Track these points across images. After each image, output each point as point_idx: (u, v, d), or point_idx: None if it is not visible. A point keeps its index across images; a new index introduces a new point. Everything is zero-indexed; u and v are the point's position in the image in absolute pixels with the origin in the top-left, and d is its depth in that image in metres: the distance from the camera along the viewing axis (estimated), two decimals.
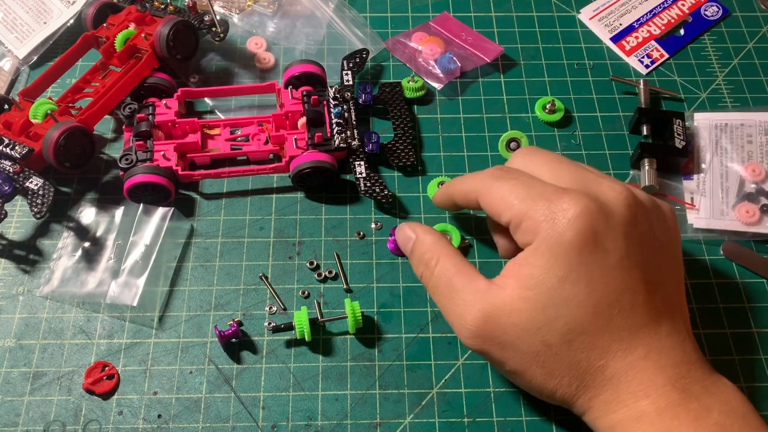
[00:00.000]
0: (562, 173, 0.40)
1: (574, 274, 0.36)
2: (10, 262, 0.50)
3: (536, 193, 0.38)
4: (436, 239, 0.42)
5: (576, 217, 0.36)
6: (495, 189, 0.40)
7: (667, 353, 0.37)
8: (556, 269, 0.36)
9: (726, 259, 0.51)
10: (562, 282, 0.36)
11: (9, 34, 0.61)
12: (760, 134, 0.55)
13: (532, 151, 0.43)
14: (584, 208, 0.36)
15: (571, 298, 0.36)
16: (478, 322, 0.38)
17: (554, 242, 0.36)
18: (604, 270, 0.36)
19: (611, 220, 0.37)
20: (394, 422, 0.44)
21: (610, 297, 0.36)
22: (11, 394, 0.45)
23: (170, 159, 0.52)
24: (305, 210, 0.53)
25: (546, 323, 0.37)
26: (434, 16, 0.64)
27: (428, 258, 0.42)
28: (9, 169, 0.49)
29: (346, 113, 0.54)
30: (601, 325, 0.36)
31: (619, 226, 0.37)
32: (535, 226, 0.37)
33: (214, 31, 0.58)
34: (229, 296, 0.49)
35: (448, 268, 0.40)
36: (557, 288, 0.36)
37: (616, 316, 0.36)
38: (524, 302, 0.37)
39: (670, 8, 0.65)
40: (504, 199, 0.39)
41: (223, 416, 0.44)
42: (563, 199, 0.37)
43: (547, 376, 0.38)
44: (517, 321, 0.37)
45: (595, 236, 0.36)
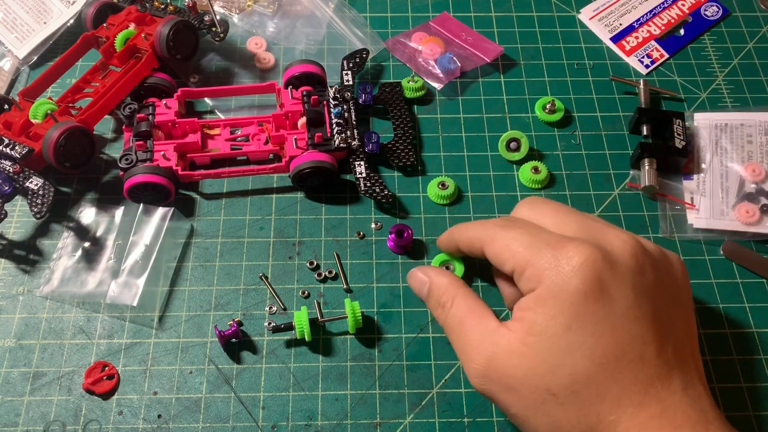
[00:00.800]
0: (567, 222, 0.39)
1: (578, 323, 0.35)
2: (10, 262, 0.50)
3: (541, 241, 0.38)
4: (450, 281, 0.42)
5: (581, 264, 0.36)
6: (500, 238, 0.40)
7: (683, 411, 0.35)
8: (559, 317, 0.35)
9: (726, 259, 0.51)
10: (565, 330, 0.35)
11: (9, 34, 0.61)
12: (760, 134, 0.55)
13: (538, 201, 0.42)
14: (589, 256, 0.36)
15: (575, 347, 0.35)
16: (483, 362, 0.38)
17: (558, 290, 0.36)
18: (611, 319, 0.35)
19: (617, 269, 0.36)
20: (394, 422, 0.44)
21: (617, 347, 0.35)
22: (11, 394, 0.45)
23: (170, 159, 0.52)
24: (305, 210, 0.53)
25: (549, 371, 0.35)
26: (434, 16, 0.64)
27: (444, 300, 0.41)
28: (9, 169, 0.49)
29: (346, 113, 0.54)
30: (608, 376, 0.35)
31: (625, 276, 0.36)
32: (539, 274, 0.36)
33: (214, 31, 0.58)
34: (229, 296, 0.49)
35: (462, 308, 0.40)
36: (561, 336, 0.35)
37: (625, 369, 0.35)
38: (527, 347, 0.36)
39: (670, 8, 0.65)
40: (508, 247, 0.39)
41: (223, 416, 0.44)
42: (568, 247, 0.36)
43: (553, 428, 0.36)
44: (520, 365, 0.36)
45: (601, 285, 0.35)
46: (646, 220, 0.53)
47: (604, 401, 0.35)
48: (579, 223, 0.39)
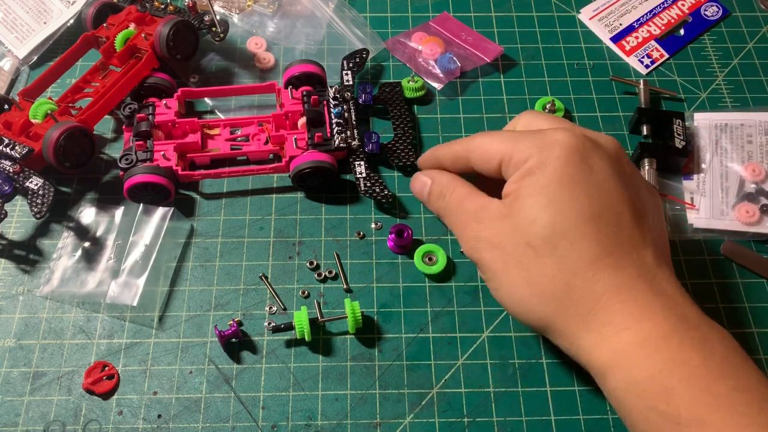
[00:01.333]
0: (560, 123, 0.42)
1: (557, 183, 0.38)
2: (10, 262, 0.50)
3: (527, 132, 0.41)
4: (451, 177, 0.45)
5: (565, 139, 0.39)
6: (486, 141, 0.42)
7: (659, 280, 0.37)
8: (540, 179, 0.38)
9: (726, 259, 0.51)
10: (544, 188, 0.38)
11: (9, 34, 0.61)
12: (760, 134, 0.55)
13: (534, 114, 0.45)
14: (572, 135, 0.39)
15: (553, 203, 0.38)
16: (474, 228, 0.41)
17: (541, 160, 0.38)
18: (587, 184, 0.38)
19: (598, 149, 0.39)
20: (394, 422, 0.44)
21: (594, 209, 0.37)
22: (11, 394, 0.45)
23: (170, 159, 0.52)
24: (305, 210, 0.53)
25: (528, 225, 0.38)
26: (434, 16, 0.64)
27: (444, 191, 0.44)
28: (9, 169, 0.49)
29: (346, 113, 0.54)
30: (586, 234, 0.37)
31: (604, 155, 0.39)
32: (524, 155, 0.39)
33: (214, 31, 0.58)
34: (229, 296, 0.49)
35: (461, 193, 0.43)
36: (539, 194, 0.38)
37: (603, 230, 0.37)
38: (511, 208, 0.39)
39: (670, 8, 0.65)
40: (492, 144, 0.41)
41: (223, 416, 0.44)
42: (553, 131, 0.40)
43: (530, 285, 0.38)
44: (505, 224, 0.39)
45: (581, 155, 0.38)
46: None
47: (581, 258, 0.37)
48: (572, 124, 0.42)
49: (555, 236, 0.37)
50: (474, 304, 0.49)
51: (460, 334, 0.47)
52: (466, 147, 0.44)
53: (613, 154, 0.40)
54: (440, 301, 0.49)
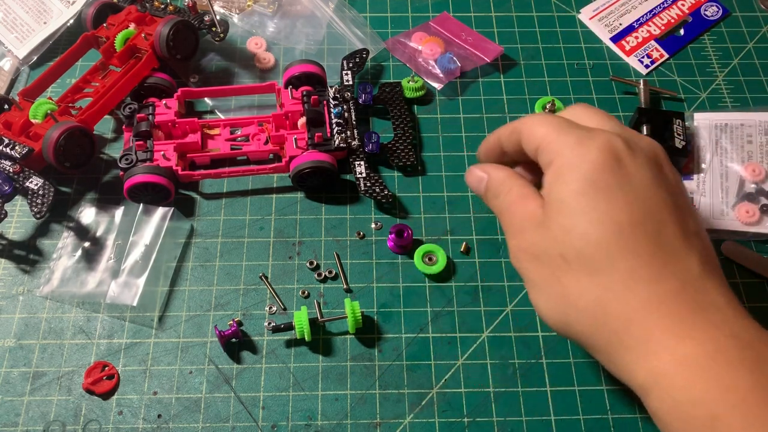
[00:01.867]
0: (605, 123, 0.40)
1: (593, 189, 0.35)
2: (10, 262, 0.50)
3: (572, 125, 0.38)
4: (508, 174, 0.42)
5: (602, 141, 0.36)
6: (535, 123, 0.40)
7: (705, 293, 0.34)
8: (574, 183, 0.36)
9: (726, 259, 0.51)
10: (579, 194, 0.35)
11: (9, 34, 0.61)
12: (760, 134, 0.55)
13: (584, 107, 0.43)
14: (612, 137, 0.37)
15: (588, 211, 0.35)
16: (519, 238, 0.39)
17: (577, 161, 0.36)
18: (626, 190, 0.35)
19: (637, 154, 0.37)
20: (394, 422, 0.44)
21: (632, 217, 0.35)
22: (11, 394, 0.45)
23: (170, 159, 0.52)
24: (305, 210, 0.53)
25: (562, 234, 0.36)
26: (434, 16, 0.64)
27: (500, 190, 0.42)
28: (9, 169, 0.49)
29: (346, 113, 0.54)
30: (622, 245, 0.34)
31: (644, 161, 0.37)
32: (561, 148, 0.37)
33: (214, 31, 0.58)
34: (229, 296, 0.49)
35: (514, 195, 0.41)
36: (574, 200, 0.36)
37: (641, 239, 0.34)
38: (545, 216, 0.37)
39: (670, 8, 0.65)
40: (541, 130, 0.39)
41: (223, 416, 0.44)
42: (595, 131, 0.37)
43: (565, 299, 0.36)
44: (541, 234, 0.37)
45: (618, 160, 0.36)
46: None
47: (616, 270, 0.34)
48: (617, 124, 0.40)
49: (589, 247, 0.35)
50: (474, 304, 0.49)
51: (460, 334, 0.47)
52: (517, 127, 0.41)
53: (654, 157, 0.38)
54: (440, 301, 0.49)
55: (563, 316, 0.36)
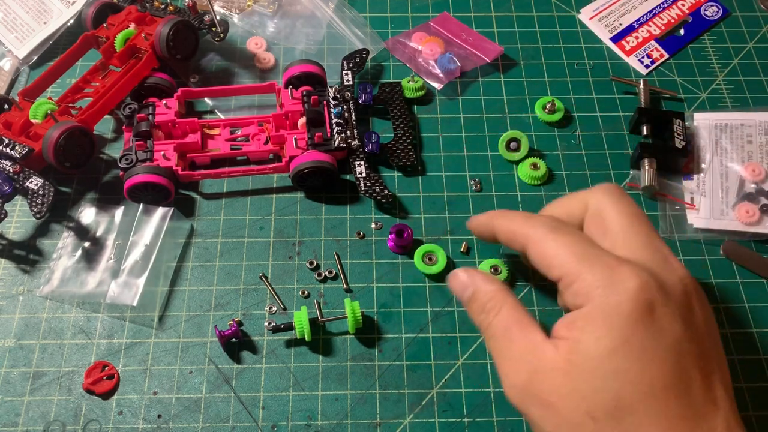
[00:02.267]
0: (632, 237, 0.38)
1: (626, 347, 0.34)
2: (10, 262, 0.50)
3: (594, 255, 0.36)
4: (498, 288, 0.40)
5: (635, 289, 0.34)
6: (549, 241, 0.38)
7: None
8: (606, 339, 0.34)
9: (726, 259, 0.51)
10: (612, 353, 0.34)
11: (9, 34, 0.61)
12: (760, 134, 0.55)
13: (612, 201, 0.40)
14: (645, 283, 0.34)
15: (621, 372, 0.34)
16: (525, 375, 0.36)
17: (609, 310, 0.34)
18: (659, 350, 0.34)
19: (670, 302, 0.35)
20: (394, 422, 0.44)
21: (665, 379, 0.33)
22: (11, 394, 0.45)
23: (170, 159, 0.52)
24: (305, 210, 0.53)
25: (592, 393, 0.34)
26: (434, 16, 0.64)
27: (490, 307, 0.40)
28: (9, 169, 0.49)
29: (346, 113, 0.54)
30: (654, 407, 0.33)
31: (676, 310, 0.35)
32: (589, 291, 0.35)
33: (214, 31, 0.58)
34: (229, 296, 0.49)
35: (508, 317, 0.39)
36: (606, 358, 0.34)
37: (672, 401, 0.33)
38: (571, 366, 0.35)
39: (670, 8, 0.65)
40: (558, 254, 0.37)
41: (223, 416, 0.44)
42: (623, 269, 0.35)
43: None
44: (563, 384, 0.35)
45: (653, 313, 0.34)
46: None
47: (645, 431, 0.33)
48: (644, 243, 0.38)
49: (620, 411, 0.33)
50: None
51: (460, 334, 0.47)
52: (527, 234, 0.40)
53: (686, 301, 0.36)
54: (440, 301, 0.49)
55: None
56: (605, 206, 0.39)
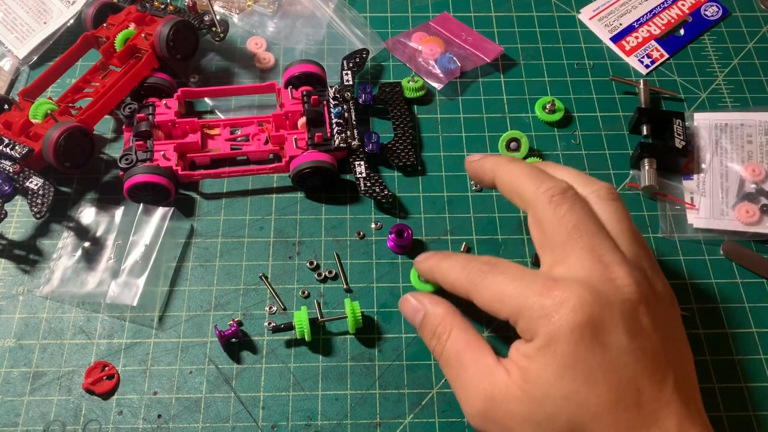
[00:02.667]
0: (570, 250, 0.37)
1: (571, 371, 0.34)
2: (10, 262, 0.50)
3: (526, 288, 0.36)
4: (447, 311, 0.41)
5: (570, 311, 0.34)
6: (485, 287, 0.38)
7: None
8: (552, 365, 0.35)
9: (726, 259, 0.51)
10: (559, 378, 0.34)
11: (9, 34, 0.61)
12: (760, 134, 0.55)
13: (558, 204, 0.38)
14: (578, 301, 0.34)
15: (570, 396, 0.34)
16: (481, 402, 0.37)
17: (550, 338, 0.35)
18: (603, 366, 0.34)
19: (610, 313, 0.35)
20: (394, 422, 0.44)
21: (611, 395, 0.34)
22: (11, 394, 0.45)
23: (170, 159, 0.52)
24: (305, 210, 0.53)
25: (546, 419, 0.35)
26: (434, 16, 0.64)
27: (440, 331, 0.40)
28: (9, 169, 0.49)
29: (346, 113, 0.54)
30: (606, 424, 0.34)
31: (618, 320, 0.35)
32: (531, 325, 0.36)
33: (214, 31, 0.58)
34: (229, 296, 0.49)
35: (459, 341, 0.39)
36: (555, 384, 0.34)
37: (622, 416, 0.34)
38: (524, 393, 0.35)
39: (670, 8, 0.65)
40: (496, 297, 0.38)
41: (223, 416, 0.44)
42: (555, 292, 0.35)
43: None
44: (518, 410, 0.35)
45: (592, 330, 0.34)
46: (646, 220, 0.53)
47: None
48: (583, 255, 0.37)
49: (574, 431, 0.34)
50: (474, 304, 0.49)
51: None
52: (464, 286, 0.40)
53: (628, 310, 0.35)
54: None
55: None
56: (546, 217, 0.39)
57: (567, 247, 0.37)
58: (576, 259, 0.37)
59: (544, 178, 0.40)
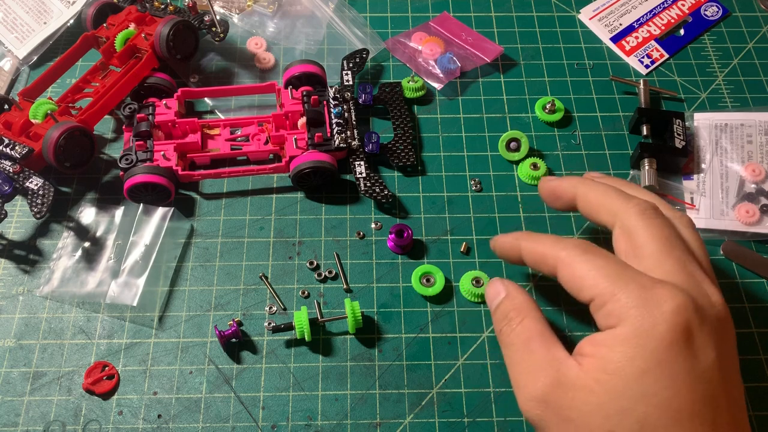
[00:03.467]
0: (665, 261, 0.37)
1: (658, 370, 0.33)
2: (10, 262, 0.50)
3: (628, 276, 0.35)
4: (527, 299, 0.40)
5: (671, 311, 0.34)
6: (581, 263, 0.37)
7: None
8: (638, 360, 0.33)
9: (726, 259, 0.51)
10: (642, 375, 0.33)
11: (9, 34, 0.61)
12: (760, 134, 0.55)
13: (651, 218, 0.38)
14: (681, 304, 0.34)
15: (650, 395, 0.33)
16: (546, 387, 0.36)
17: (643, 332, 0.33)
18: (690, 376, 0.33)
19: (705, 327, 0.34)
20: (394, 422, 0.44)
21: (693, 406, 0.33)
22: (11, 394, 0.45)
23: (170, 159, 0.52)
24: (305, 210, 0.53)
25: (617, 413, 0.33)
26: (434, 16, 0.64)
27: (513, 315, 0.40)
28: (9, 169, 0.49)
29: (346, 113, 0.54)
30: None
31: (711, 335, 0.34)
32: (622, 311, 0.34)
33: (214, 31, 0.58)
34: (229, 296, 0.49)
35: (531, 328, 0.38)
36: (637, 380, 0.33)
37: (698, 430, 0.33)
38: (598, 384, 0.34)
39: (670, 8, 0.65)
40: (589, 275, 0.36)
41: (223, 416, 0.44)
42: (659, 290, 0.34)
43: None
44: (587, 400, 0.34)
45: (688, 337, 0.33)
46: None
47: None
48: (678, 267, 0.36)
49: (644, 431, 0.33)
50: (474, 304, 0.49)
51: (460, 334, 0.48)
52: (557, 256, 0.38)
53: (719, 329, 0.35)
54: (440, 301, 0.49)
55: None
56: (637, 228, 0.38)
57: (661, 256, 0.37)
58: (671, 268, 0.36)
59: (632, 195, 0.40)
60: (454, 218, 0.52)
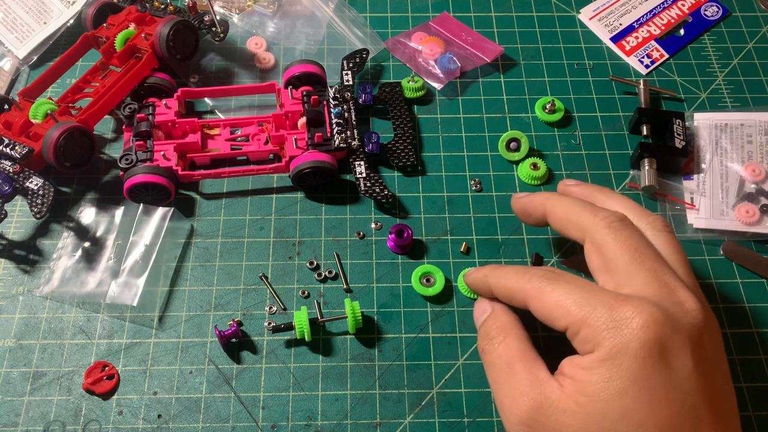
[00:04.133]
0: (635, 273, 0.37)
1: (635, 388, 0.33)
2: (10, 262, 0.50)
3: (595, 299, 0.36)
4: (510, 318, 0.41)
5: (641, 327, 0.34)
6: (548, 293, 0.37)
7: None
8: (615, 380, 0.33)
9: (726, 259, 0.51)
10: (621, 394, 0.33)
11: (9, 34, 0.61)
12: (760, 134, 0.55)
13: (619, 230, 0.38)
14: (650, 318, 0.34)
15: (630, 414, 0.33)
16: (529, 410, 0.36)
17: (616, 352, 0.34)
18: (668, 388, 0.33)
19: (678, 336, 0.34)
20: (394, 422, 0.44)
21: (672, 420, 0.33)
22: (11, 394, 0.45)
23: (170, 159, 0.52)
24: (305, 210, 0.53)
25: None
26: (434, 16, 0.64)
27: (495, 334, 0.40)
28: (9, 169, 0.49)
29: (346, 113, 0.54)
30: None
31: (686, 344, 0.34)
32: (596, 335, 0.35)
33: (214, 31, 0.58)
34: (229, 296, 0.49)
35: (512, 348, 0.39)
36: (616, 400, 0.33)
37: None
38: (579, 407, 0.34)
39: (670, 8, 0.65)
40: (559, 304, 0.36)
41: (223, 416, 0.44)
42: (626, 307, 0.34)
43: None
44: (569, 423, 0.35)
45: (661, 350, 0.34)
46: None
47: None
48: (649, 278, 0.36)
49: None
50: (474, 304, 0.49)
51: (460, 334, 0.48)
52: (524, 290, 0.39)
53: (695, 335, 0.35)
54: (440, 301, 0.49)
55: None
56: (607, 242, 0.38)
57: (632, 269, 0.37)
58: (642, 281, 0.36)
59: (600, 208, 0.40)
60: (454, 218, 0.52)
